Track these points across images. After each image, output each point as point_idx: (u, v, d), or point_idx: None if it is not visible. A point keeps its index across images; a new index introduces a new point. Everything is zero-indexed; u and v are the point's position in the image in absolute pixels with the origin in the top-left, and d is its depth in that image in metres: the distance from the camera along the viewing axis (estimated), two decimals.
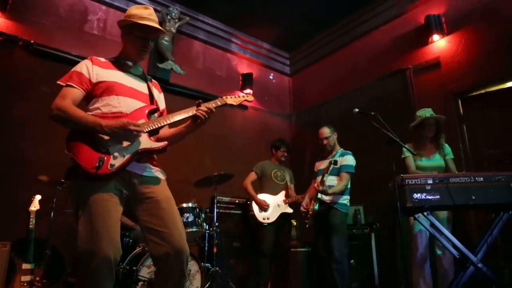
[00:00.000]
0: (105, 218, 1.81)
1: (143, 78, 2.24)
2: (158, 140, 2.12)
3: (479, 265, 2.61)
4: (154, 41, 2.20)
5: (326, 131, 4.08)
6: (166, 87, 5.29)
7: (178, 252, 1.89)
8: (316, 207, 3.82)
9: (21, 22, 4.40)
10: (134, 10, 2.13)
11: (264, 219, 4.42)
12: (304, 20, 6.09)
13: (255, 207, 4.51)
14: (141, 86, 2.18)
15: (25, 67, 4.32)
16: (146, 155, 2.04)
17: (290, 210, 4.58)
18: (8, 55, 4.25)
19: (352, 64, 6.02)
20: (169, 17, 5.46)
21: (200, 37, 6.10)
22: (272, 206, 4.51)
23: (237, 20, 6.19)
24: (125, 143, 1.92)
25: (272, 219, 4.44)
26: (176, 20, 5.54)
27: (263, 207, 4.45)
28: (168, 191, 2.08)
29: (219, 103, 2.25)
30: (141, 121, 2.02)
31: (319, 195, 3.86)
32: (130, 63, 2.20)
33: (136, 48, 2.14)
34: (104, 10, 5.15)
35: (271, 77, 7.11)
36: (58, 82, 2.01)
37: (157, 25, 2.11)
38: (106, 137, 1.89)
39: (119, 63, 2.17)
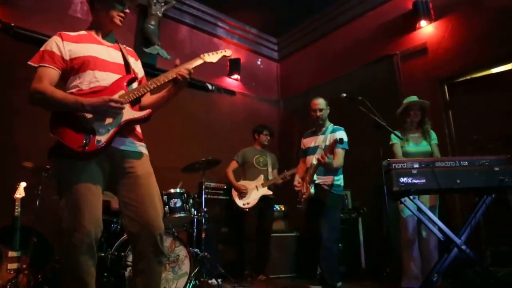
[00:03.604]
0: (86, 194, 1.82)
1: (117, 47, 2.18)
2: (141, 109, 2.08)
3: (463, 247, 2.67)
4: (129, 7, 2.16)
5: (321, 101, 3.84)
6: (152, 72, 5.19)
7: (151, 228, 1.89)
8: (312, 189, 3.60)
9: (0, 4, 4.26)
10: None
11: (244, 204, 4.51)
12: (292, 6, 6.03)
13: (234, 194, 4.62)
14: (115, 57, 2.12)
15: (5, 51, 4.18)
16: (130, 126, 2.01)
17: (269, 192, 4.61)
18: None
19: (339, 50, 6.02)
20: (155, 0, 5.35)
21: (187, 22, 6.00)
22: (251, 190, 4.59)
23: (224, 4, 6.10)
24: (108, 118, 1.90)
25: (252, 203, 4.51)
26: (162, 4, 5.43)
27: (242, 192, 4.54)
28: (149, 167, 2.07)
29: (198, 63, 2.19)
30: (121, 93, 1.97)
31: (315, 177, 3.63)
32: (103, 34, 2.13)
33: (113, 16, 2.07)
34: None
35: (258, 62, 7.06)
36: (29, 62, 1.95)
37: None
38: (89, 115, 1.85)
39: (91, 35, 2.10)
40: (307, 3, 5.98)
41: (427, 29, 4.81)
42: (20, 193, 3.51)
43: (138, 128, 2.15)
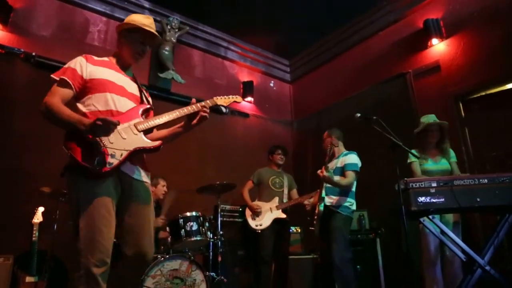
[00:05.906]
0: (103, 213, 1.89)
1: (134, 80, 2.31)
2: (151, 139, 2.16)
3: (487, 267, 2.59)
4: (150, 48, 2.31)
5: (328, 131, 4.10)
6: (167, 96, 5.34)
7: (141, 255, 2.01)
8: (321, 207, 3.67)
9: (22, 34, 4.44)
10: (135, 17, 2.26)
11: (256, 226, 4.44)
12: (303, 27, 6.12)
13: (248, 214, 4.55)
14: (132, 87, 2.24)
15: (26, 80, 4.33)
16: (140, 154, 2.11)
17: (283, 216, 4.53)
18: (9, 67, 4.28)
19: (352, 70, 6.04)
20: (169, 27, 5.50)
21: (200, 46, 6.13)
22: (265, 212, 4.51)
23: (237, 28, 6.23)
24: (122, 143, 1.96)
25: (265, 225, 4.43)
26: (176, 30, 5.58)
27: (255, 211, 4.47)
28: (150, 197, 2.16)
29: (210, 104, 2.35)
30: (136, 120, 2.09)
31: (324, 194, 3.73)
32: (122, 65, 2.28)
33: (134, 51, 2.24)
34: (104, 21, 5.19)
35: (271, 84, 7.13)
36: (51, 75, 2.04)
37: (156, 33, 2.25)
38: (104, 137, 1.91)
39: (112, 63, 2.25)
40: (318, 24, 6.06)
41: (439, 47, 4.81)
42: (38, 218, 3.56)
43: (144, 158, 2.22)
